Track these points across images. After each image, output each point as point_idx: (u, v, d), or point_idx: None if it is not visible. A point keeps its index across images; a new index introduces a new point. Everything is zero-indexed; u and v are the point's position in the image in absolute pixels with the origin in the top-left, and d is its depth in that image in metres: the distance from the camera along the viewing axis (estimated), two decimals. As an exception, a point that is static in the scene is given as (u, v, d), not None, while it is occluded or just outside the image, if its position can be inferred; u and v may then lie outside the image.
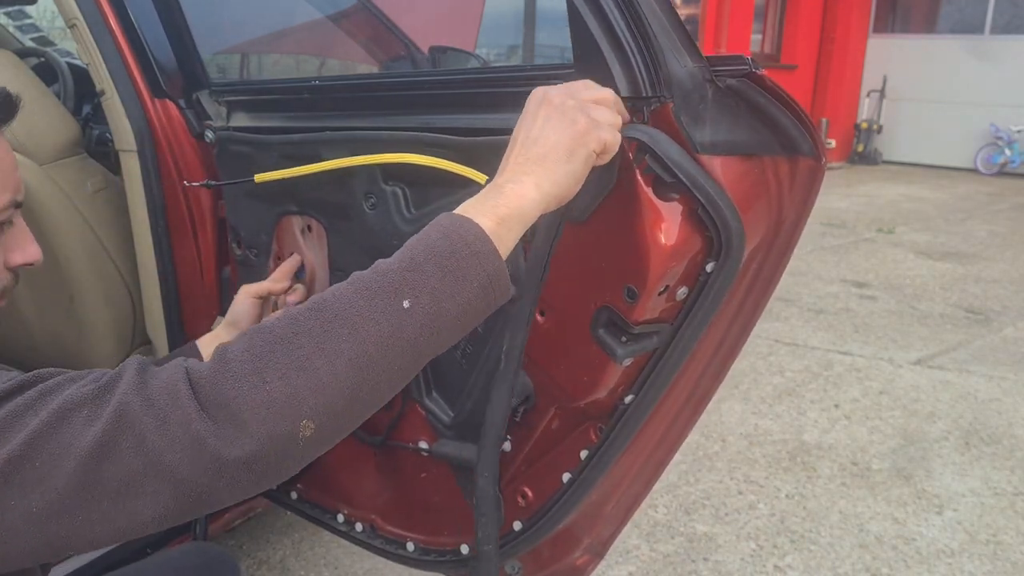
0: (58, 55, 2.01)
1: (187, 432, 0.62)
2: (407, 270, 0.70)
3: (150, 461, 0.62)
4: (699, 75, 0.84)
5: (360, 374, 0.66)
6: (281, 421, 0.63)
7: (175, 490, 0.63)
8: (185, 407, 0.63)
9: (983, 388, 3.28)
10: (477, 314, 0.73)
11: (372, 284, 0.70)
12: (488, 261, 0.72)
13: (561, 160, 0.77)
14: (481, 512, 1.10)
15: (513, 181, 0.77)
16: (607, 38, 0.86)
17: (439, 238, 0.72)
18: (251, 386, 0.64)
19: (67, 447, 0.63)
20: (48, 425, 0.64)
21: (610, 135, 0.80)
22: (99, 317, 1.66)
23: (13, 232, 0.88)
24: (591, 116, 0.79)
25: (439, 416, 1.24)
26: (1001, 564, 2.15)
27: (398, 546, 1.38)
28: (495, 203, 0.75)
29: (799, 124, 0.83)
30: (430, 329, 0.69)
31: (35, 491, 0.63)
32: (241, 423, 0.63)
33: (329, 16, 2.46)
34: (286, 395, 0.64)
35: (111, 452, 0.63)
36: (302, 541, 2.19)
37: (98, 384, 0.66)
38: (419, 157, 1.08)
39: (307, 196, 1.31)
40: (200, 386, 0.64)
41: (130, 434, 0.63)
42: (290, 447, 0.64)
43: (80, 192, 1.62)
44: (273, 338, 0.66)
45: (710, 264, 0.90)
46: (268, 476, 0.65)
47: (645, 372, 1.01)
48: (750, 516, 2.36)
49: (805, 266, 5.15)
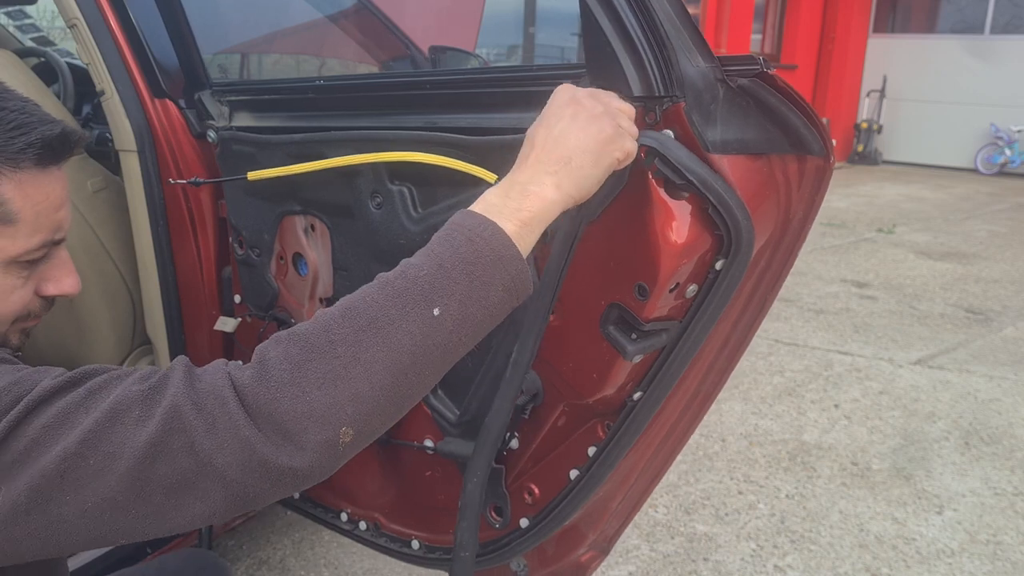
0: (58, 55, 2.01)
1: (236, 437, 0.65)
2: (436, 276, 0.71)
3: (200, 462, 0.65)
4: (711, 75, 0.84)
5: (394, 381, 0.69)
6: (323, 430, 0.66)
7: (225, 490, 0.66)
8: (232, 413, 0.65)
9: (983, 388, 3.28)
10: (500, 316, 0.75)
11: (403, 290, 0.71)
12: (512, 265, 0.74)
13: (587, 164, 0.78)
14: (463, 516, 1.10)
15: (535, 182, 0.77)
16: (620, 38, 0.86)
17: (464, 243, 0.73)
18: (292, 396, 0.66)
19: (120, 446, 0.65)
20: (101, 424, 0.65)
21: (633, 146, 0.82)
22: (99, 317, 1.65)
23: (52, 264, 0.88)
24: (620, 124, 0.80)
25: (444, 415, 1.24)
26: (1001, 564, 2.15)
27: (403, 544, 1.38)
28: (518, 206, 0.76)
29: (809, 123, 0.83)
30: (458, 335, 0.72)
31: (89, 488, 0.65)
32: (285, 432, 0.66)
33: (329, 16, 2.46)
34: (326, 405, 0.66)
35: (163, 452, 0.65)
36: (302, 541, 2.19)
37: (148, 384, 0.68)
38: (428, 156, 1.08)
39: (310, 195, 1.31)
40: (244, 394, 0.66)
41: (182, 435, 0.65)
42: (332, 452, 0.67)
43: (80, 192, 1.61)
44: (309, 347, 0.68)
45: (719, 262, 0.91)
46: (311, 479, 0.68)
47: (654, 369, 1.01)
48: (750, 516, 2.36)
49: (805, 266, 5.15)
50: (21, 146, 0.78)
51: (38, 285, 0.87)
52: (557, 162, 0.78)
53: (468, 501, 1.09)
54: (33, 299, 0.86)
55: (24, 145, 0.78)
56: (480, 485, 1.09)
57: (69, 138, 0.83)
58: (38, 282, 0.87)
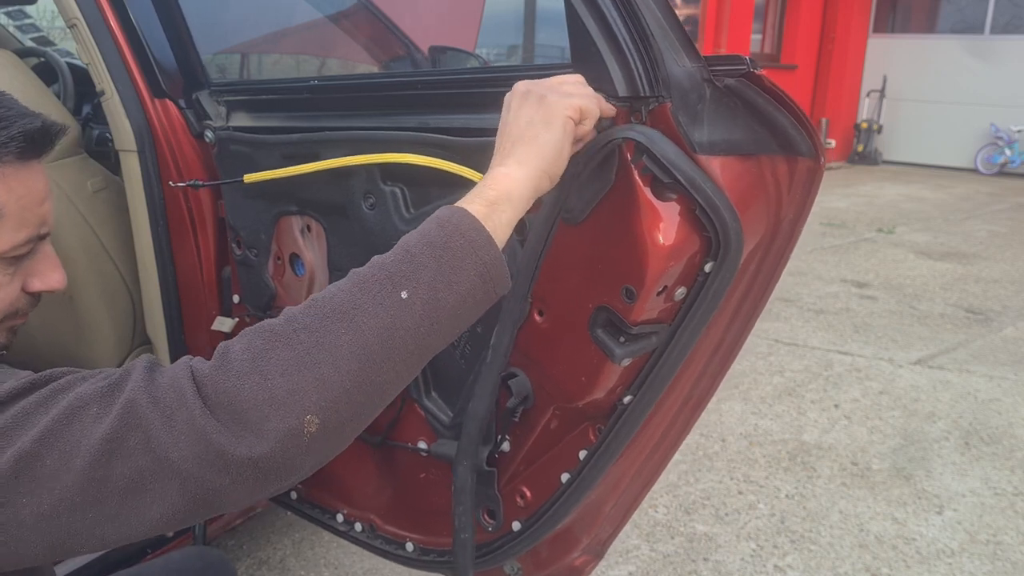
0: (58, 55, 2.02)
1: (192, 429, 0.63)
2: (403, 261, 0.71)
3: (157, 458, 0.63)
4: (697, 75, 0.84)
5: (362, 366, 0.67)
6: (285, 418, 0.64)
7: (182, 487, 0.64)
8: (190, 405, 0.63)
9: (983, 388, 3.28)
10: (477, 305, 0.74)
11: (368, 276, 0.70)
12: (484, 250, 0.72)
13: (538, 132, 0.79)
14: (459, 501, 1.11)
15: (498, 165, 0.79)
16: (605, 38, 0.86)
17: (433, 228, 0.73)
18: (253, 384, 0.64)
19: (76, 444, 0.63)
20: (58, 422, 0.64)
21: (584, 101, 0.82)
22: (99, 317, 1.66)
23: (37, 259, 0.87)
24: (560, 90, 0.82)
25: (438, 416, 1.24)
26: (1001, 564, 2.15)
27: (397, 546, 1.38)
28: (483, 188, 0.77)
29: (797, 124, 0.83)
30: (430, 319, 0.70)
31: (45, 488, 0.63)
32: (245, 421, 0.63)
33: (329, 16, 2.46)
34: (288, 391, 0.64)
35: (119, 449, 0.63)
36: (302, 541, 2.19)
37: (108, 382, 0.67)
38: (416, 157, 1.08)
39: (306, 196, 1.32)
40: (203, 384, 0.65)
41: (138, 431, 0.63)
42: (295, 444, 0.65)
43: (80, 192, 1.62)
44: (272, 335, 0.67)
45: (708, 264, 0.90)
46: (275, 474, 0.65)
47: (644, 373, 1.01)
48: (750, 516, 2.36)
49: (805, 266, 5.15)
50: (2, 140, 0.78)
51: (24, 281, 0.86)
52: (512, 143, 0.80)
53: (461, 485, 1.10)
54: (19, 296, 0.86)
55: (5, 139, 0.78)
56: (470, 468, 1.10)
57: (49, 131, 0.82)
58: (24, 278, 0.86)
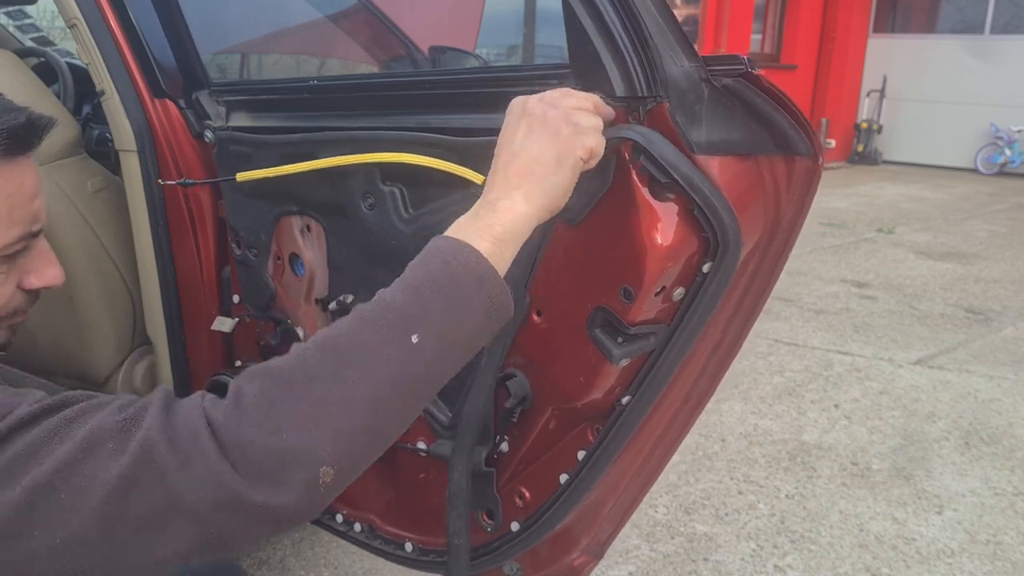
0: (58, 55, 2.02)
1: (209, 473, 0.63)
2: (412, 303, 0.69)
3: (172, 498, 0.63)
4: (695, 75, 0.84)
5: (375, 416, 0.67)
6: (300, 471, 0.64)
7: (196, 528, 0.64)
8: (206, 449, 0.63)
9: (983, 388, 3.28)
10: (483, 338, 0.73)
11: (379, 320, 0.69)
12: (489, 285, 0.72)
13: (549, 172, 0.77)
14: (453, 507, 1.10)
15: (504, 198, 0.76)
16: (603, 37, 0.86)
17: (440, 267, 0.71)
18: (267, 434, 0.64)
19: (92, 479, 0.63)
20: (74, 456, 0.63)
21: (594, 140, 0.80)
22: (99, 317, 1.66)
23: (32, 256, 0.86)
24: (574, 123, 0.78)
25: (437, 417, 1.24)
26: (1001, 564, 2.15)
27: (396, 546, 1.38)
28: (489, 223, 0.75)
29: (795, 124, 0.83)
30: (440, 360, 0.70)
31: (58, 522, 0.62)
32: (261, 471, 0.63)
33: (329, 16, 2.47)
34: (303, 446, 0.64)
35: (135, 487, 0.63)
36: (302, 541, 2.19)
37: (124, 416, 0.66)
38: (416, 157, 1.08)
39: (306, 196, 1.32)
40: (219, 430, 0.65)
41: (153, 470, 0.63)
42: (312, 494, 0.65)
43: (80, 192, 1.62)
44: (286, 384, 0.66)
45: (707, 265, 0.90)
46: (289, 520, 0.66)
47: (642, 373, 1.01)
48: (750, 516, 2.36)
49: (805, 266, 5.15)
50: None
51: (20, 279, 0.85)
52: (520, 175, 0.77)
53: (455, 489, 1.10)
54: (16, 294, 0.85)
55: None
56: (465, 473, 1.09)
57: (36, 125, 0.80)
58: (20, 276, 0.85)
